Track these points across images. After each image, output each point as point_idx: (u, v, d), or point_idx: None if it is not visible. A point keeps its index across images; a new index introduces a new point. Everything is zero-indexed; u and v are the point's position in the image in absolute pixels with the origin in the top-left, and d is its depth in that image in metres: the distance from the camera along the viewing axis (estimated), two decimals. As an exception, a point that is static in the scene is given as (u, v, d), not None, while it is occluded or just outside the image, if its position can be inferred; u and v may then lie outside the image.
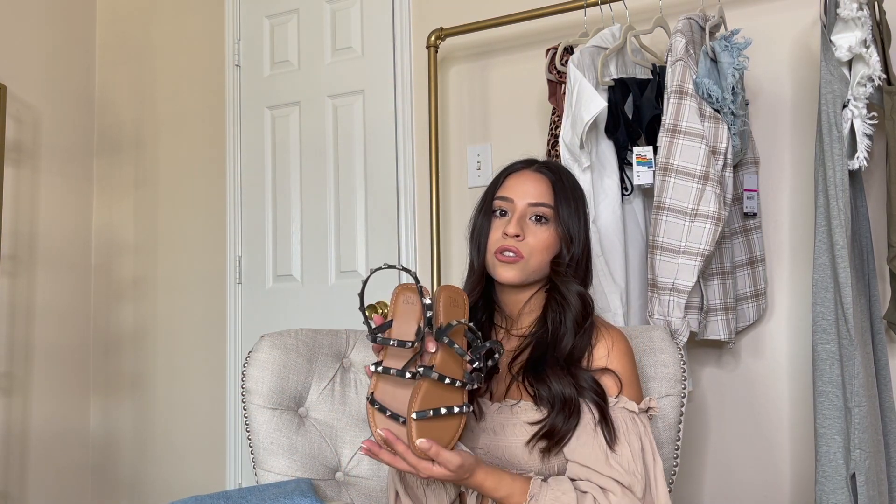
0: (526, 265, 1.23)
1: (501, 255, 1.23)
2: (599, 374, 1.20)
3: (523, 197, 1.25)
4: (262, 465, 1.43)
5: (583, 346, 1.22)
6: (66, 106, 2.92)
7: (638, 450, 1.15)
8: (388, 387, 1.07)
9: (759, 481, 1.96)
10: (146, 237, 2.90)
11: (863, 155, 1.62)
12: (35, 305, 2.75)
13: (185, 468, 2.76)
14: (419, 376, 1.04)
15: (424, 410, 1.03)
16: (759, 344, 1.97)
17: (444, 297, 1.10)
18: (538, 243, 1.23)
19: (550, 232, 1.24)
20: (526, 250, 1.23)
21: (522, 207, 1.25)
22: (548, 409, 1.16)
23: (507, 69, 2.33)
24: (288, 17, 2.69)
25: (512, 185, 1.27)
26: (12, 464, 2.64)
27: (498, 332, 1.31)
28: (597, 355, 1.22)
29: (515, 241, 1.23)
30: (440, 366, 1.05)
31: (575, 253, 1.25)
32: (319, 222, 2.58)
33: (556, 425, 1.14)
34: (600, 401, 1.16)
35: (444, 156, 2.38)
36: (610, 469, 1.12)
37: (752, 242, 1.92)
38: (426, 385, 1.04)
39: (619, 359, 1.22)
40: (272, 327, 2.42)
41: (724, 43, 1.72)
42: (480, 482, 1.10)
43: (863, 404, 1.55)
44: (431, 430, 1.04)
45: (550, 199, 1.25)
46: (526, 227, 1.24)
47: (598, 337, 1.24)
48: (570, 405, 1.15)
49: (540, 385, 1.17)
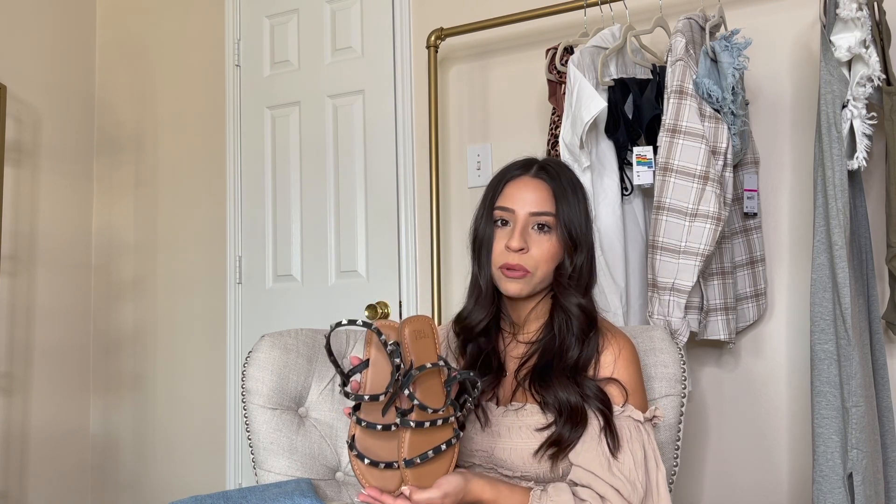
0: (532, 279, 1.22)
1: (509, 269, 1.21)
2: (605, 384, 1.20)
3: (524, 206, 1.22)
4: (262, 465, 1.43)
5: (589, 355, 1.21)
6: (66, 106, 2.92)
7: (641, 458, 1.15)
8: (367, 433, 1.06)
9: (757, 480, 1.96)
10: (146, 237, 2.90)
11: (862, 155, 1.62)
12: (35, 305, 2.75)
13: (185, 468, 2.76)
14: (398, 427, 1.03)
15: (412, 459, 1.02)
16: (758, 344, 1.97)
17: (408, 333, 1.06)
18: (542, 254, 1.21)
19: (554, 240, 1.22)
20: (531, 264, 1.21)
21: (524, 217, 1.22)
22: (554, 415, 1.16)
23: (507, 69, 2.33)
24: (288, 17, 2.69)
25: (511, 193, 1.24)
26: (12, 464, 2.64)
27: (505, 338, 1.31)
28: (603, 362, 1.22)
29: (520, 256, 1.21)
30: (417, 413, 1.03)
31: (577, 262, 1.22)
32: (319, 222, 2.58)
33: (564, 435, 1.14)
34: (605, 410, 1.16)
35: (444, 156, 2.38)
36: (611, 476, 1.12)
37: (752, 242, 1.92)
38: (409, 433, 1.03)
39: (626, 367, 1.22)
40: (272, 327, 2.42)
41: (724, 43, 1.72)
42: (479, 496, 1.09)
43: (860, 404, 1.55)
44: (425, 472, 1.03)
45: (552, 206, 1.22)
46: (529, 237, 1.22)
47: (605, 344, 1.23)
48: (576, 414, 1.15)
49: (546, 393, 1.17)
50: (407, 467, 1.02)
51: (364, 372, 1.08)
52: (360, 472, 1.06)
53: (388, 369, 1.07)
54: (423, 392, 1.05)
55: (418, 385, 1.05)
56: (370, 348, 1.09)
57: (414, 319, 1.09)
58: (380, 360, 1.08)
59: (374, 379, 1.07)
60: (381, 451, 1.06)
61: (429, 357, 1.07)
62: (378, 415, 1.06)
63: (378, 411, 1.06)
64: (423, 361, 1.05)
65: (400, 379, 1.03)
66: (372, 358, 1.08)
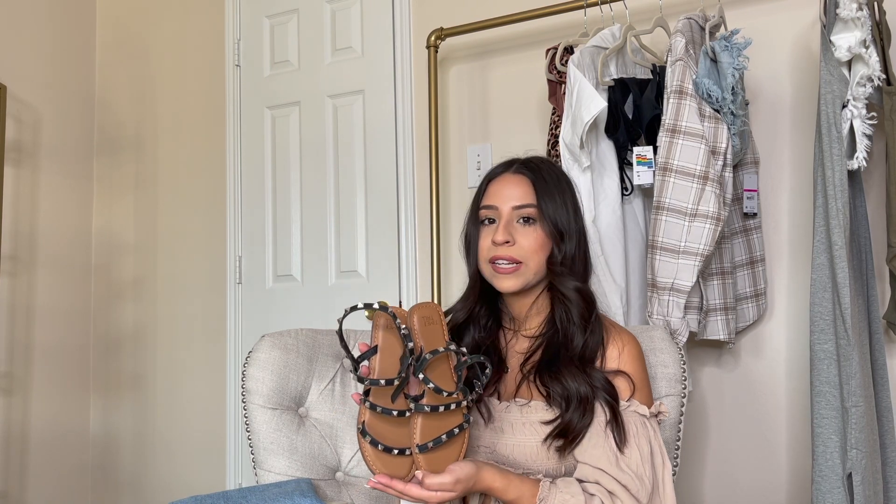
0: (526, 270, 1.23)
1: (496, 265, 1.23)
2: (612, 376, 1.20)
3: (506, 201, 1.24)
4: (262, 465, 1.44)
5: (595, 347, 1.21)
6: (66, 106, 2.92)
7: (647, 453, 1.15)
8: (379, 418, 1.06)
9: (757, 480, 1.96)
10: (146, 237, 2.90)
11: (862, 155, 1.62)
12: (35, 305, 2.75)
13: (185, 468, 2.77)
14: (411, 412, 1.03)
15: (425, 444, 1.02)
16: (758, 344, 1.97)
17: (417, 319, 1.07)
18: (531, 244, 1.22)
19: (539, 231, 1.23)
20: (521, 254, 1.22)
21: (507, 212, 1.24)
22: (560, 409, 1.16)
23: (507, 69, 2.33)
24: (288, 17, 2.69)
25: (494, 191, 1.27)
26: (12, 464, 2.64)
27: (506, 334, 1.31)
28: (609, 356, 1.22)
29: (507, 248, 1.22)
30: (430, 397, 1.04)
31: (567, 250, 1.23)
32: (319, 222, 2.59)
33: (572, 422, 1.14)
34: (612, 402, 1.16)
35: (444, 156, 2.38)
36: (619, 471, 1.13)
37: (751, 242, 1.92)
38: (421, 418, 1.03)
39: (631, 362, 1.23)
40: (272, 327, 2.42)
41: (724, 43, 1.72)
42: (489, 485, 1.10)
43: (860, 404, 1.55)
44: (438, 457, 1.03)
45: (532, 198, 1.24)
46: (515, 231, 1.23)
47: (609, 339, 1.24)
48: (584, 402, 1.15)
49: (554, 383, 1.17)
50: (420, 453, 1.02)
51: (372, 358, 1.08)
52: (371, 458, 1.05)
53: (397, 354, 1.07)
54: (435, 377, 1.05)
55: (429, 370, 1.05)
56: (378, 332, 1.09)
57: (423, 306, 1.10)
58: (389, 345, 1.08)
59: (382, 364, 1.07)
60: (394, 437, 1.06)
61: (438, 342, 1.07)
62: (388, 400, 1.06)
63: (387, 397, 1.06)
64: (432, 347, 1.06)
65: (413, 363, 1.03)
66: (381, 343, 1.08)
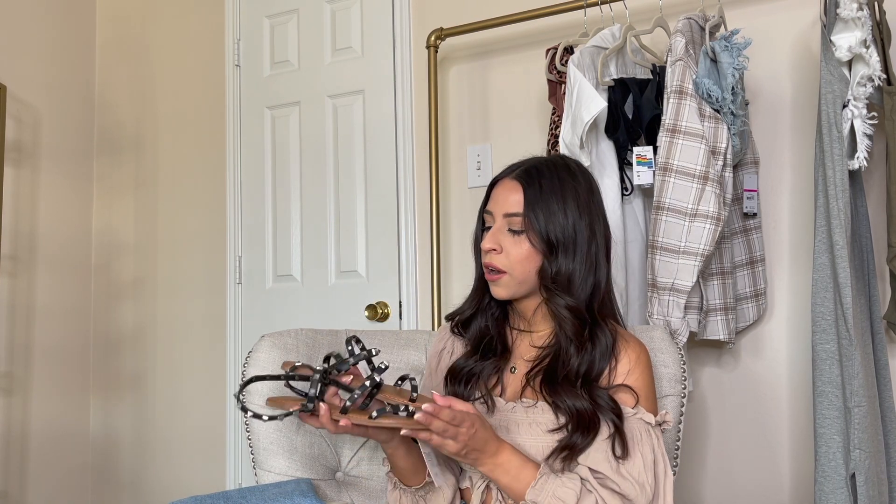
0: (511, 280, 1.21)
1: (488, 272, 1.23)
2: (617, 390, 1.19)
3: (500, 207, 1.23)
4: (262, 465, 1.43)
5: (594, 364, 1.19)
6: (66, 106, 2.92)
7: (650, 461, 1.15)
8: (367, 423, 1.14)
9: (758, 481, 1.96)
10: (146, 237, 2.90)
11: (863, 155, 1.62)
12: (35, 305, 2.75)
13: (185, 468, 2.76)
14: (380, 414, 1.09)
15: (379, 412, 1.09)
16: (758, 344, 1.97)
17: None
18: (517, 255, 1.20)
19: (526, 243, 1.20)
20: (505, 264, 1.21)
21: (500, 219, 1.22)
22: (566, 418, 1.16)
23: (507, 69, 2.33)
24: (288, 17, 2.69)
25: (494, 195, 1.25)
26: (12, 464, 2.64)
27: (512, 333, 1.31)
28: (619, 371, 1.21)
29: (493, 256, 1.21)
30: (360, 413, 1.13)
31: (562, 265, 1.19)
32: (319, 222, 2.58)
33: (576, 443, 1.14)
34: (616, 419, 1.16)
35: (444, 156, 2.38)
36: (620, 477, 1.12)
37: (751, 242, 1.92)
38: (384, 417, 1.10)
39: (642, 375, 1.22)
40: (272, 327, 2.42)
41: (724, 43, 1.72)
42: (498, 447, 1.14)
43: (862, 404, 1.54)
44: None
45: (520, 207, 1.20)
46: (504, 239, 1.21)
47: (620, 350, 1.22)
48: (588, 422, 1.15)
49: (555, 397, 1.18)
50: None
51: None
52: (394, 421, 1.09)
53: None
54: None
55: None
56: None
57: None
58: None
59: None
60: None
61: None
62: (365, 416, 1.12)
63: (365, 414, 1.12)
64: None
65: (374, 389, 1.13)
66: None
